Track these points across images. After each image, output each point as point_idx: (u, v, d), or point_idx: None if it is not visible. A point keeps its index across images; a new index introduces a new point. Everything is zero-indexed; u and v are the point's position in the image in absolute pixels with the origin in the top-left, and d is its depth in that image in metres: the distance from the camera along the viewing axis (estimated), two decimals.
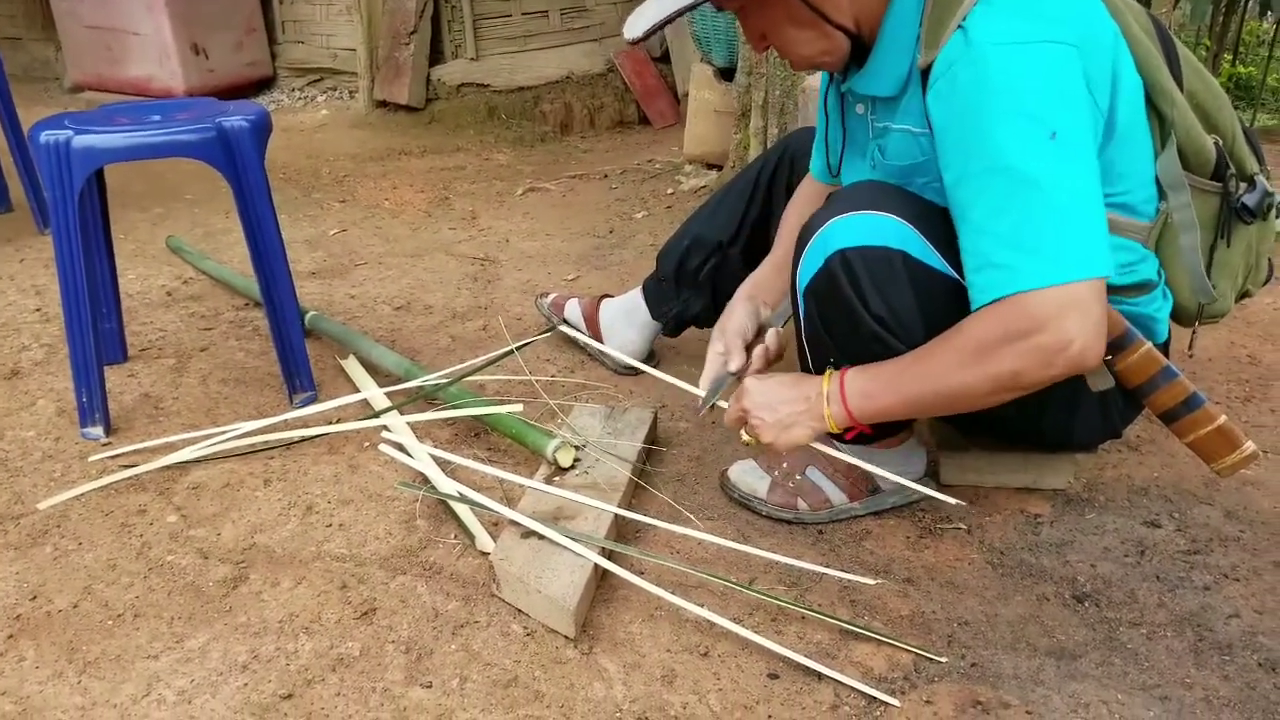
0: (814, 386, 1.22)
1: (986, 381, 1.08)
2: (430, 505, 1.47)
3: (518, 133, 4.12)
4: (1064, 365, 1.04)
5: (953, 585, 1.29)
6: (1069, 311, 1.02)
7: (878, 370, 1.18)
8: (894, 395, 1.16)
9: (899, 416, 1.21)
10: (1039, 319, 1.03)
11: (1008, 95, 1.04)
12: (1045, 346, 1.03)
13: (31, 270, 2.49)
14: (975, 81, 1.06)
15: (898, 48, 1.18)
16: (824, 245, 1.21)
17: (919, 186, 1.25)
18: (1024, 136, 1.03)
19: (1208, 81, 1.24)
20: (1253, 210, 1.25)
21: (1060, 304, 1.02)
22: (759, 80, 2.69)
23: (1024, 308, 1.03)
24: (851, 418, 1.19)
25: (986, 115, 1.05)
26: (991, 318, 1.06)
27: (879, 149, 1.28)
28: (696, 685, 1.13)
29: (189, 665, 1.17)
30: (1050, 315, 1.02)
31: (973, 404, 1.13)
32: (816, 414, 1.22)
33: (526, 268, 2.53)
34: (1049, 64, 1.05)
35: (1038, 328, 1.03)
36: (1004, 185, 1.05)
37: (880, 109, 1.26)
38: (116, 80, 4.56)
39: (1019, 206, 1.04)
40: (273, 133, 1.68)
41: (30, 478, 1.56)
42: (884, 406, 1.18)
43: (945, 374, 1.11)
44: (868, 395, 1.18)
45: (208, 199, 3.14)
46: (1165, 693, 1.11)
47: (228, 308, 2.25)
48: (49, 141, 1.48)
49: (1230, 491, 1.48)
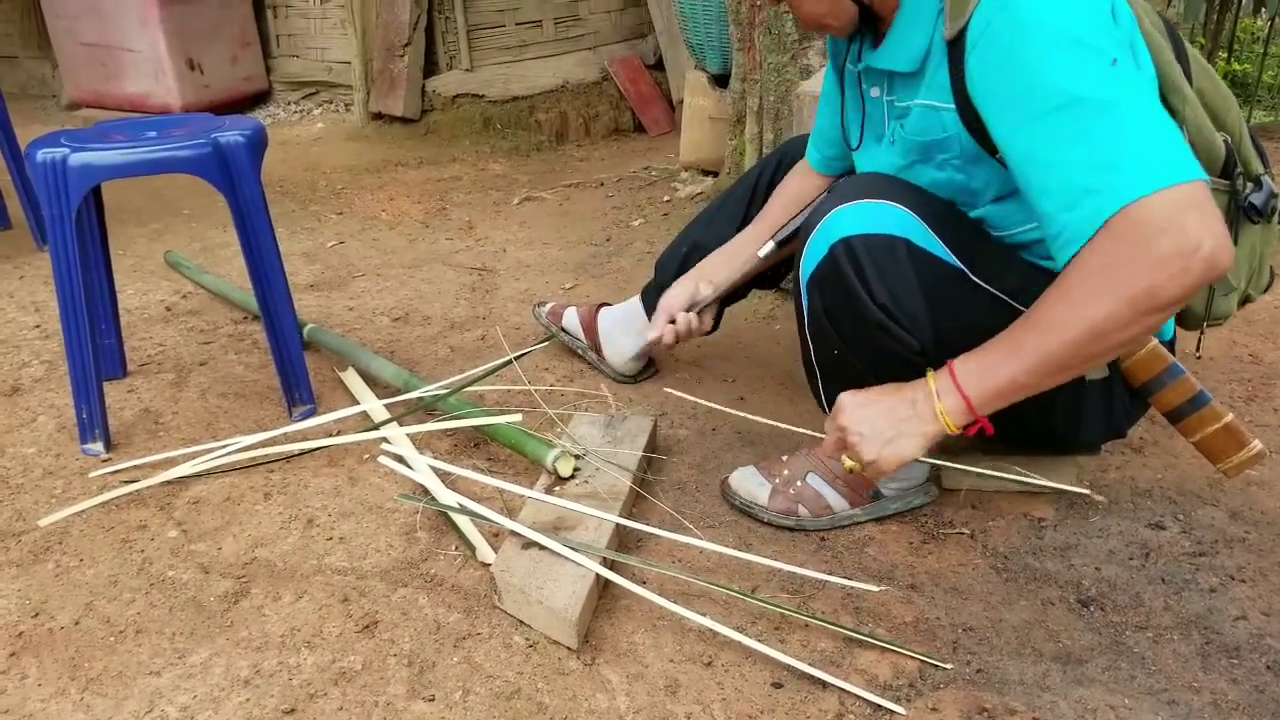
0: (918, 388, 1.12)
1: (1125, 308, 0.96)
2: (431, 517, 1.46)
3: (513, 142, 4.12)
4: (1200, 270, 0.93)
5: (957, 591, 1.29)
6: (1186, 212, 0.93)
7: (988, 347, 1.07)
8: (1019, 361, 1.03)
9: (1027, 391, 1.06)
10: (1157, 224, 0.93)
11: (1051, 29, 1.01)
12: (1174, 252, 0.93)
13: (31, 287, 2.49)
14: (1016, 28, 1.04)
15: (918, 23, 1.19)
16: (828, 234, 1.21)
17: (938, 163, 1.24)
18: (1079, 63, 1.00)
19: (1216, 82, 1.24)
20: (1260, 209, 1.25)
21: (1174, 206, 0.93)
22: (753, 86, 2.69)
23: (1135, 219, 0.94)
24: (971, 408, 1.08)
25: (1036, 55, 1.02)
26: (1104, 242, 0.97)
27: (900, 125, 1.27)
28: (700, 695, 1.12)
29: (191, 681, 1.16)
30: (1168, 219, 0.93)
31: (1112, 342, 0.99)
32: (927, 416, 1.11)
33: (524, 277, 2.53)
34: (1085, 2, 1.03)
35: (1158, 232, 0.93)
36: (1075, 115, 0.99)
37: (899, 87, 1.26)
38: (113, 97, 4.56)
39: (1097, 130, 0.98)
40: (269, 146, 1.68)
41: (31, 494, 1.55)
42: (1008, 380, 1.05)
43: (1074, 317, 0.99)
44: (986, 369, 1.06)
45: (205, 214, 3.14)
46: (1173, 697, 1.10)
47: (226, 322, 2.25)
48: (46, 160, 1.48)
49: (1235, 492, 1.47)
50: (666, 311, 1.60)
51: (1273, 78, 4.43)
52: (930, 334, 1.21)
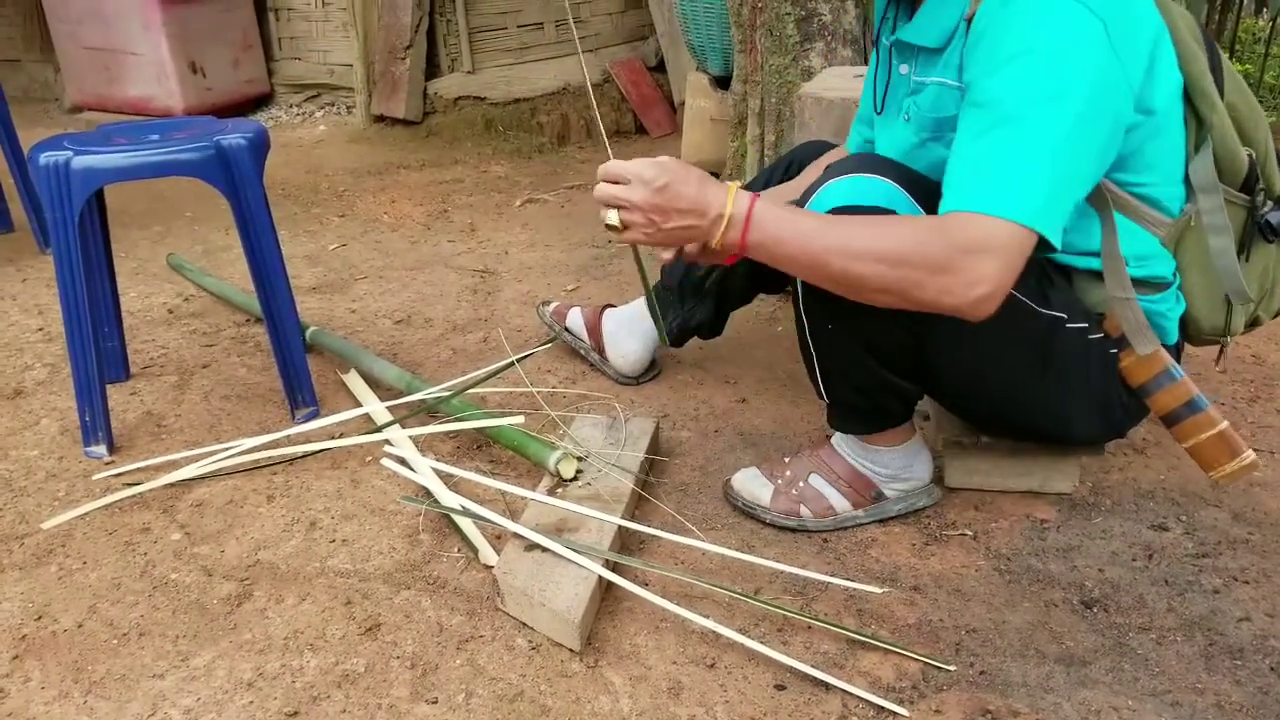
0: (717, 203, 1.11)
1: (885, 282, 1.05)
2: (433, 519, 1.46)
3: (515, 144, 4.12)
4: (960, 302, 1.02)
5: (960, 592, 1.29)
6: (989, 252, 1.00)
7: (790, 217, 1.11)
8: (793, 247, 1.09)
9: (787, 269, 1.13)
10: (966, 244, 1.01)
11: (1023, 38, 1.05)
12: (956, 275, 1.01)
13: (34, 290, 2.49)
14: (1003, 22, 1.08)
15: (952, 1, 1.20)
16: (819, 206, 1.23)
17: (948, 141, 1.25)
18: (1025, 77, 1.04)
19: (1246, 96, 1.25)
20: (1275, 229, 1.26)
21: (988, 239, 1.00)
22: (755, 88, 2.69)
23: (957, 228, 1.02)
24: (743, 249, 1.13)
25: (1000, 53, 1.07)
26: (923, 228, 1.06)
27: (914, 103, 1.29)
28: (703, 697, 1.12)
29: (194, 684, 1.16)
30: (976, 246, 1.00)
31: (860, 293, 1.09)
32: (706, 235, 1.13)
33: (526, 279, 2.53)
34: (1072, 22, 1.05)
35: (960, 252, 1.01)
36: (992, 116, 1.06)
37: (922, 63, 1.27)
38: (115, 100, 4.57)
39: (995, 137, 1.05)
40: (271, 149, 1.68)
41: (34, 497, 1.56)
42: (778, 254, 1.11)
43: (852, 257, 1.05)
44: (770, 239, 1.10)
45: (208, 216, 3.14)
46: (1176, 698, 1.10)
47: (229, 324, 2.25)
48: (49, 163, 1.48)
49: (1238, 493, 1.47)
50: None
51: (1274, 78, 4.42)
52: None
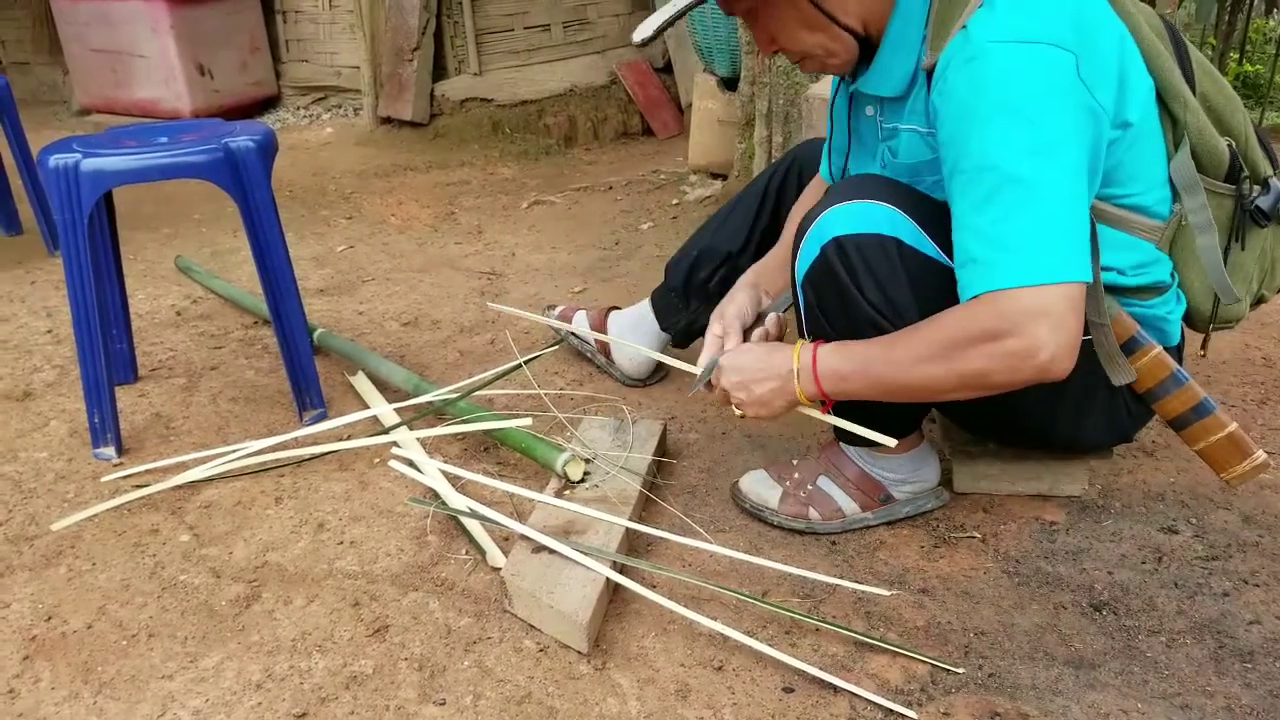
0: (786, 361, 1.22)
1: (953, 378, 1.08)
2: (441, 521, 1.46)
3: (522, 146, 4.13)
4: (1031, 372, 1.03)
5: (968, 595, 1.28)
6: (1041, 317, 1.01)
7: (852, 351, 1.18)
8: (864, 381, 1.16)
9: (870, 398, 1.19)
10: (1010, 321, 1.02)
11: (999, 92, 1.04)
12: (1014, 351, 1.02)
13: (42, 292, 2.50)
14: (970, 78, 1.07)
15: (903, 48, 1.19)
16: (820, 234, 1.23)
17: (928, 185, 1.25)
18: (1011, 134, 1.04)
19: (1219, 83, 1.24)
20: (1267, 213, 1.24)
21: (1034, 308, 1.01)
22: (762, 89, 2.69)
23: (997, 307, 1.03)
24: (824, 394, 1.20)
25: (978, 112, 1.06)
26: (965, 314, 1.07)
27: (889, 150, 1.28)
28: (711, 700, 1.12)
29: (203, 685, 1.16)
30: (1022, 319, 1.01)
31: (939, 398, 1.14)
32: (789, 392, 1.22)
33: (533, 281, 2.54)
34: (1043, 65, 1.04)
35: (1008, 330, 1.02)
36: (989, 181, 1.05)
37: (889, 110, 1.27)
38: (123, 102, 4.59)
39: (1001, 203, 1.04)
40: (279, 151, 1.69)
41: (44, 499, 1.56)
42: (854, 389, 1.18)
43: (914, 365, 1.10)
44: (839, 376, 1.18)
45: (216, 219, 3.15)
46: (1186, 701, 1.10)
47: (237, 326, 2.26)
48: (58, 165, 1.49)
49: (1248, 496, 1.46)
50: (739, 319, 1.39)
51: None
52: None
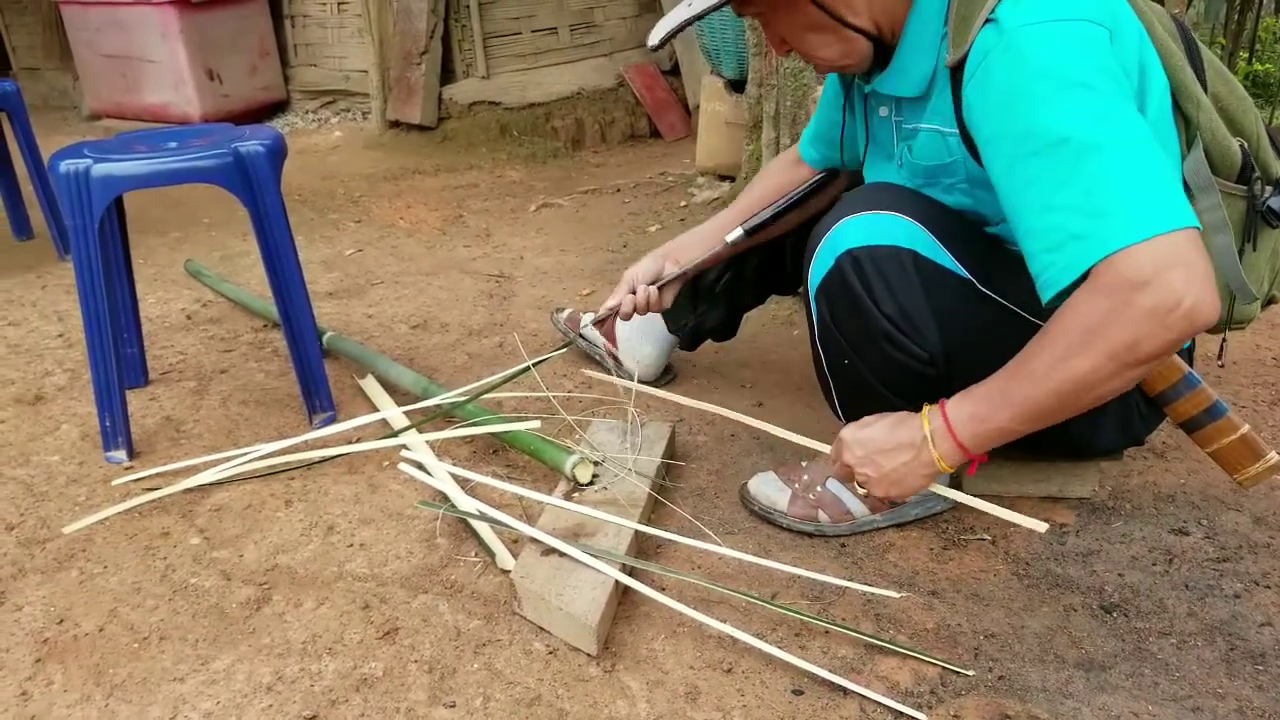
0: (915, 430, 1.16)
1: (1107, 362, 0.98)
2: (450, 523, 1.47)
3: (530, 149, 4.14)
4: (1181, 327, 0.94)
5: (978, 597, 1.28)
6: (1170, 265, 0.93)
7: (979, 391, 1.11)
8: (1008, 410, 1.08)
9: (1018, 433, 1.11)
10: (1140, 278, 0.94)
11: (1049, 69, 1.01)
12: (1155, 307, 0.94)
13: (53, 296, 2.52)
14: (1013, 64, 1.03)
15: (922, 47, 1.18)
16: (834, 245, 1.21)
17: (945, 187, 1.24)
18: (1074, 105, 0.99)
19: (1231, 84, 1.23)
20: (1279, 213, 1.24)
21: (1157, 258, 0.93)
22: (770, 92, 2.69)
23: (1119, 271, 0.95)
24: (965, 451, 1.13)
25: (1031, 94, 1.02)
26: (1088, 292, 0.98)
27: (908, 149, 1.27)
28: (720, 702, 1.12)
29: (214, 687, 1.17)
30: (1151, 272, 0.93)
31: (1098, 393, 1.03)
32: (927, 461, 1.16)
33: (541, 284, 2.54)
34: (1083, 37, 1.02)
35: (1140, 287, 0.94)
36: (1065, 157, 0.99)
37: (907, 110, 1.26)
38: (134, 108, 4.61)
39: (1087, 173, 0.98)
40: (288, 155, 1.70)
41: (55, 502, 1.57)
42: (999, 427, 1.10)
43: (1059, 368, 1.01)
44: (978, 419, 1.11)
45: (225, 223, 3.17)
46: (1197, 703, 1.09)
47: (247, 330, 2.27)
48: (69, 171, 1.50)
49: (1259, 497, 1.46)
50: (629, 282, 1.59)
51: None
52: (939, 344, 1.21)
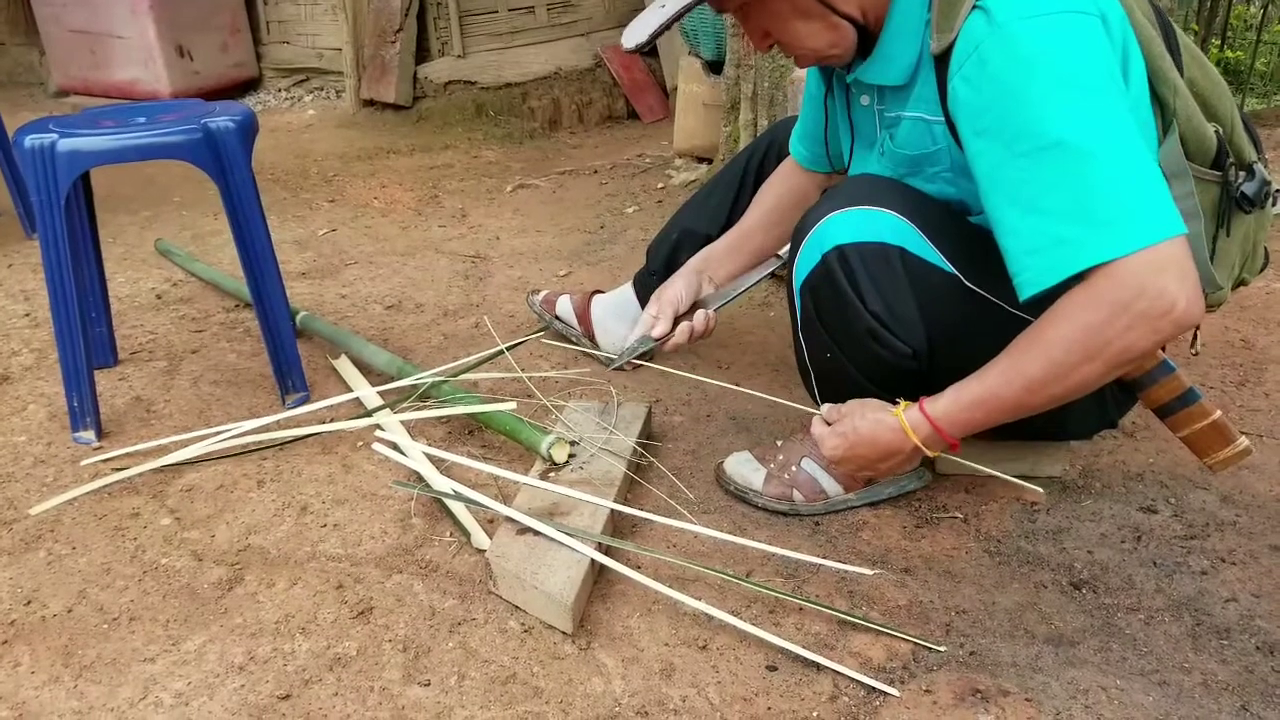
0: (898, 439, 1.21)
1: (1102, 366, 1.03)
2: (425, 504, 1.46)
3: (506, 130, 4.10)
4: (1171, 328, 0.99)
5: (950, 574, 1.29)
6: (1165, 273, 0.97)
7: (965, 392, 1.14)
8: (999, 415, 1.13)
9: (1000, 423, 1.16)
10: (1137, 285, 0.98)
11: (1046, 68, 1.01)
12: (1149, 312, 0.98)
13: (20, 275, 2.47)
14: (1009, 59, 1.03)
15: (906, 35, 1.17)
16: (820, 241, 1.21)
17: (928, 176, 1.24)
18: (1069, 107, 1.00)
19: (1207, 69, 1.23)
20: (1252, 199, 1.24)
21: (1154, 267, 0.97)
22: (747, 73, 2.68)
23: (1118, 278, 0.99)
24: (954, 444, 1.19)
25: (1026, 93, 1.01)
26: (1087, 299, 1.01)
27: (890, 137, 1.26)
28: (695, 678, 1.12)
29: (185, 668, 1.16)
30: (1147, 279, 0.97)
31: (1086, 391, 1.08)
32: (913, 455, 1.22)
33: (517, 264, 2.53)
34: (1078, 32, 1.02)
35: (1138, 294, 0.98)
36: (1057, 161, 1.00)
37: (890, 98, 1.25)
38: (101, 84, 4.53)
39: (1079, 179, 0.99)
40: (260, 133, 1.67)
41: (22, 483, 1.55)
42: (984, 423, 1.15)
43: (1057, 376, 1.05)
44: (965, 425, 1.15)
45: (196, 201, 3.12)
46: (1164, 677, 1.11)
47: (218, 309, 2.24)
48: (34, 145, 1.47)
49: (1226, 476, 1.48)
50: (672, 305, 1.48)
51: (1265, 65, 4.43)
52: (923, 341, 1.22)
